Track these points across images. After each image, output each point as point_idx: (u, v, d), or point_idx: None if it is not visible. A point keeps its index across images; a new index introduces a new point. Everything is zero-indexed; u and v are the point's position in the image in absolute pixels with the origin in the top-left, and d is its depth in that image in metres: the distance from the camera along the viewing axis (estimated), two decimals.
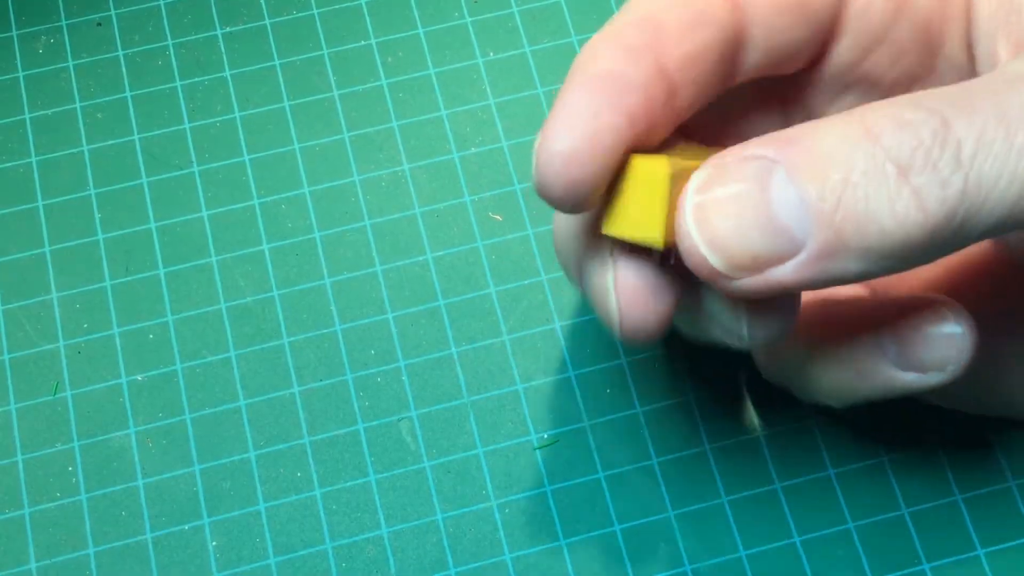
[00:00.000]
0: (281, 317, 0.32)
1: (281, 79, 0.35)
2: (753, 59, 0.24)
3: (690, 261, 0.21)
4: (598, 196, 0.22)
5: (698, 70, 0.23)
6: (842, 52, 0.26)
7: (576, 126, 0.21)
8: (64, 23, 0.35)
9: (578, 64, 0.22)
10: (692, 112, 0.24)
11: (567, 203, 0.22)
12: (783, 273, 0.20)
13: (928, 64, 0.25)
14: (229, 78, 0.35)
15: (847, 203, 0.20)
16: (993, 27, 0.23)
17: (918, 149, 0.19)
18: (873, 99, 0.26)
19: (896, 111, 0.20)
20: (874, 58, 0.25)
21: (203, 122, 0.34)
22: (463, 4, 0.36)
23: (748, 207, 0.20)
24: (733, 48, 0.24)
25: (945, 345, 0.24)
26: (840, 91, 0.26)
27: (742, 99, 0.26)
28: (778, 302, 0.23)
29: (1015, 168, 0.19)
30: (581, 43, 0.35)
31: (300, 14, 0.36)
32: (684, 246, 0.21)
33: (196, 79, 0.35)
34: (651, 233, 0.21)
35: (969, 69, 0.24)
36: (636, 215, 0.22)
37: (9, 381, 0.31)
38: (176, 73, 0.35)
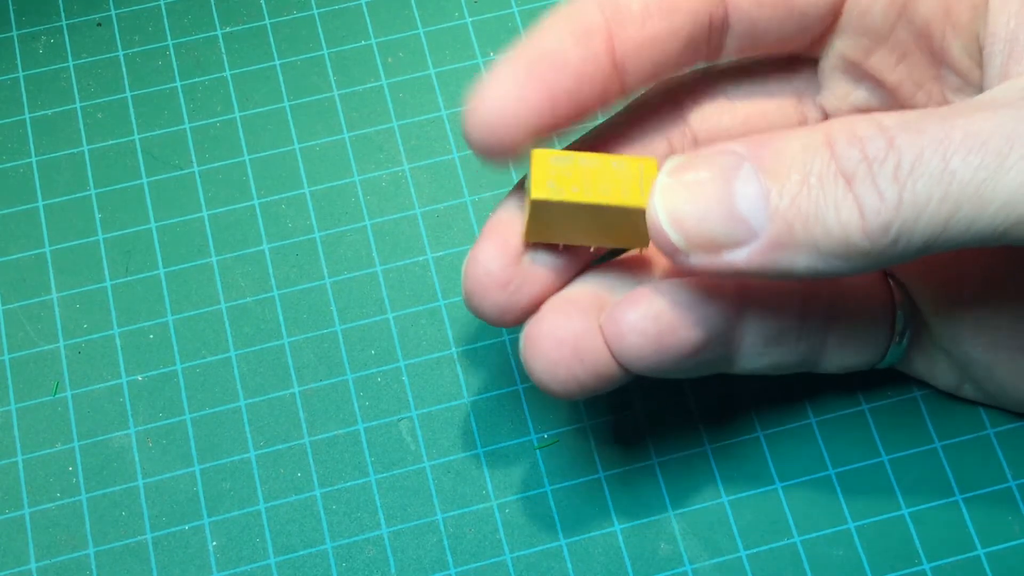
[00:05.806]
0: (281, 317, 0.32)
1: (281, 79, 0.35)
2: (733, 44, 0.26)
3: (653, 235, 0.23)
4: (515, 154, 0.24)
5: (658, 53, 0.25)
6: (842, 48, 0.26)
7: (498, 97, 0.23)
8: (64, 23, 0.35)
9: (527, 36, 0.24)
10: (643, 87, 0.25)
11: (483, 157, 0.24)
12: (736, 257, 0.22)
13: (934, 72, 0.25)
14: (229, 78, 0.35)
15: (800, 202, 0.21)
16: (1010, 48, 0.23)
17: (862, 162, 0.21)
18: (881, 96, 0.27)
19: (852, 126, 0.21)
20: (878, 57, 0.26)
21: (203, 122, 0.34)
22: (463, 4, 0.36)
23: (712, 193, 0.22)
24: (706, 34, 0.25)
25: None
26: (850, 86, 0.27)
27: (758, 82, 0.28)
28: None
29: (946, 190, 0.21)
30: None
31: (300, 14, 0.36)
32: (650, 220, 0.23)
33: (196, 79, 0.35)
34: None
35: (979, 82, 0.25)
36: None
37: (9, 381, 0.31)
38: (176, 73, 0.35)
